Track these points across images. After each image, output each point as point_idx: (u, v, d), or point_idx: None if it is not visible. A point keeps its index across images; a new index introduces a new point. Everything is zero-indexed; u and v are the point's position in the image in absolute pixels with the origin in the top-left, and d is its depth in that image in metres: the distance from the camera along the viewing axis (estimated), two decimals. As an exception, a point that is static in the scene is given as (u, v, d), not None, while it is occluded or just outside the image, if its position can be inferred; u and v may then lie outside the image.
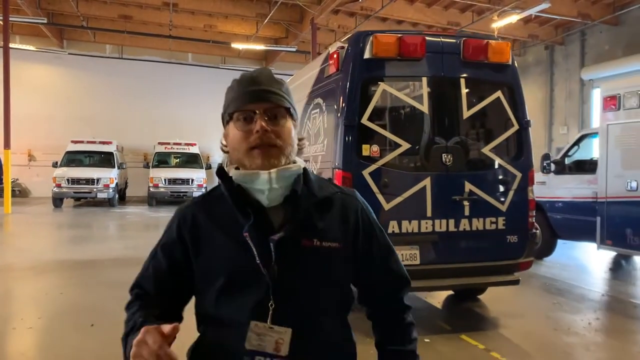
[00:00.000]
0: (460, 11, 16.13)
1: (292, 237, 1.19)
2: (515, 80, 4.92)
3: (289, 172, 1.22)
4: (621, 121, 6.62)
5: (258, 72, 1.26)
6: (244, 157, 1.20)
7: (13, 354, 4.19)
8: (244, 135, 1.19)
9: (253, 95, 1.20)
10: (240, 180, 1.22)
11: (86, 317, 5.01)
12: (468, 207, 4.62)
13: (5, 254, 8.85)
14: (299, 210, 1.21)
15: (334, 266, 1.24)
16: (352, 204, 1.31)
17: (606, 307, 5.71)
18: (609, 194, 6.75)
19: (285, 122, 1.22)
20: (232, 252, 1.20)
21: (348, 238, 1.27)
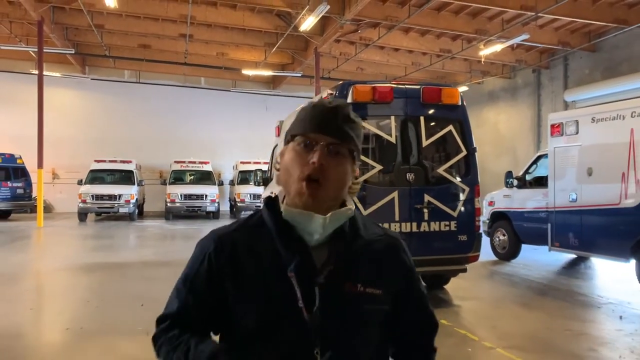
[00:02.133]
0: (452, 39, 17.82)
1: (336, 280, 1.15)
2: (464, 116, 6.55)
3: (343, 216, 1.19)
4: (563, 145, 8.21)
5: (337, 104, 1.22)
6: (292, 183, 1.17)
7: (90, 325, 5.78)
8: (300, 161, 1.16)
9: (322, 125, 1.17)
10: (290, 218, 1.17)
11: (135, 301, 6.61)
12: (427, 214, 6.21)
13: (52, 258, 10.52)
14: (344, 251, 1.18)
15: (374, 313, 1.20)
16: (396, 249, 1.29)
17: (541, 292, 7.22)
18: (556, 204, 8.31)
19: (343, 162, 1.18)
20: (272, 291, 1.13)
21: (390, 285, 1.23)
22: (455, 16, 15.72)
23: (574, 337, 5.17)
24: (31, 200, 19.39)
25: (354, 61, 20.13)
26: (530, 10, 13.91)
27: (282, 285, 1.12)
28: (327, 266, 1.15)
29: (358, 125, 1.23)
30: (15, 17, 17.20)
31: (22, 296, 7.29)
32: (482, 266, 9.21)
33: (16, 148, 19.73)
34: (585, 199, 7.79)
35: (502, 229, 9.75)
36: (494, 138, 21.55)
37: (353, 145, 1.20)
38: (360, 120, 1.24)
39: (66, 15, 17.47)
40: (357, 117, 1.23)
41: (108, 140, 22.46)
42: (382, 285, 1.21)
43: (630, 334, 5.28)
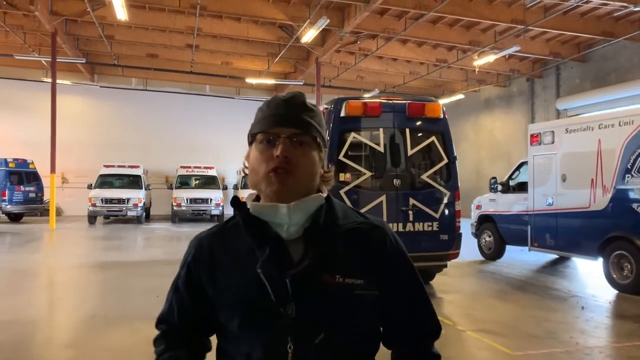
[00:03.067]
0: (447, 50, 18.65)
1: (312, 272, 1.12)
2: (446, 128, 7.35)
3: (309, 204, 1.17)
4: (541, 153, 9.01)
5: (290, 96, 1.21)
6: (261, 180, 1.17)
7: (113, 312, 6.58)
8: (264, 158, 1.16)
9: (280, 119, 1.16)
10: (257, 212, 1.17)
11: (150, 293, 7.40)
12: (412, 215, 7.01)
13: (68, 257, 11.36)
14: (320, 243, 1.15)
15: (357, 305, 1.15)
16: (380, 236, 1.22)
17: (518, 287, 8.00)
18: (535, 208, 9.10)
19: (309, 151, 1.17)
20: (247, 287, 1.14)
21: (374, 274, 1.17)
22: (450, 28, 16.54)
23: (537, 323, 5.95)
24: (42, 204, 20.30)
25: (354, 70, 20.97)
26: (520, 23, 14.72)
27: (256, 281, 1.12)
28: (304, 259, 1.13)
29: (317, 112, 1.22)
30: (30, 29, 18.09)
31: (47, 289, 8.13)
32: (469, 265, 10.02)
33: (27, 153, 20.65)
34: (560, 203, 8.57)
35: (488, 231, 10.53)
36: (490, 144, 22.36)
37: (315, 132, 1.18)
38: (317, 107, 1.24)
39: (78, 26, 18.40)
40: (314, 105, 1.23)
41: (115, 146, 23.33)
42: (363, 275, 1.16)
43: (586, 320, 6.06)
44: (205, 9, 15.34)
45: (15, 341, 5.26)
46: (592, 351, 4.97)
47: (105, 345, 5.14)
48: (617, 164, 7.53)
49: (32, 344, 5.35)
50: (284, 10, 15.63)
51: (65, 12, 16.49)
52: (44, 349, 5.20)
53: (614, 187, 7.59)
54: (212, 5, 15.32)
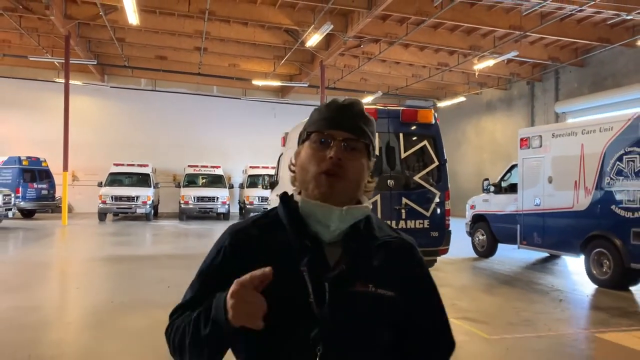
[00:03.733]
0: (449, 54, 19.22)
1: (347, 278, 1.14)
2: (437, 133, 7.94)
3: (360, 212, 1.20)
4: (530, 156, 9.58)
5: (350, 102, 1.25)
6: (310, 179, 1.18)
7: (129, 299, 7.22)
8: (316, 158, 1.18)
9: (337, 122, 1.20)
10: (307, 209, 1.18)
11: (161, 283, 8.04)
12: (405, 213, 7.60)
13: (83, 251, 12.03)
14: (357, 250, 1.18)
15: (386, 317, 1.18)
16: (412, 253, 1.27)
17: (504, 282, 8.57)
18: (524, 208, 9.67)
19: (360, 157, 1.20)
20: (284, 284, 1.12)
21: (404, 289, 1.21)
22: (451, 33, 17.11)
23: (516, 313, 6.53)
24: (54, 201, 21.03)
25: (358, 72, 21.56)
26: (518, 29, 15.27)
27: (294, 280, 1.12)
28: (340, 264, 1.15)
29: (372, 121, 1.26)
30: (44, 31, 18.82)
31: (66, 279, 8.80)
32: (463, 262, 10.61)
33: (39, 151, 21.37)
34: (546, 203, 9.15)
35: (482, 230, 11.11)
36: (491, 145, 22.88)
37: (368, 140, 1.22)
38: (372, 118, 1.27)
39: (90, 29, 19.09)
40: (369, 115, 1.26)
41: (124, 145, 24.03)
42: (395, 288, 1.19)
43: (562, 311, 6.65)
44: (214, 14, 15.97)
45: (42, 322, 5.91)
46: (562, 336, 5.56)
47: (123, 327, 5.77)
48: (598, 167, 8.10)
49: (57, 325, 6.00)
50: (289, 15, 16.24)
51: (78, 16, 17.18)
52: (68, 330, 5.85)
53: (595, 189, 8.16)
54: (220, 11, 15.95)
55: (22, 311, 6.29)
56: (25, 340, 5.19)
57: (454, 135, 25.34)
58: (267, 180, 11.25)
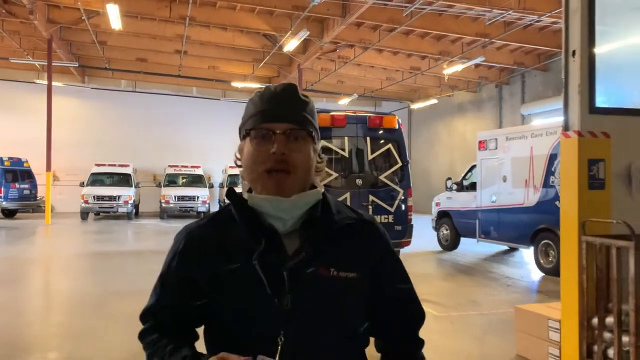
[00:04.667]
0: (421, 59, 20.24)
1: (308, 265, 1.14)
2: (401, 137, 8.89)
3: (309, 199, 1.19)
4: (487, 157, 10.61)
5: (282, 87, 1.21)
6: (257, 178, 1.17)
7: (124, 289, 8.00)
8: (259, 155, 1.16)
9: (274, 114, 1.17)
10: (256, 204, 1.18)
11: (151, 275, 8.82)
12: (371, 209, 8.52)
13: (70, 247, 12.71)
14: (316, 236, 1.17)
15: (350, 298, 1.19)
16: (372, 232, 1.28)
17: (462, 271, 9.57)
18: (482, 204, 10.70)
19: (305, 146, 1.18)
20: (241, 280, 1.14)
21: (366, 269, 1.22)
22: (422, 39, 18.14)
23: (466, 296, 7.51)
24: (36, 201, 21.51)
25: (335, 75, 22.48)
26: (484, 36, 16.35)
27: (251, 273, 1.12)
28: (300, 252, 1.15)
29: (310, 103, 1.22)
30: (25, 34, 19.31)
31: (61, 272, 9.52)
32: (428, 254, 11.60)
33: (20, 152, 21.80)
34: (501, 200, 10.18)
35: (446, 225, 12.13)
36: (462, 146, 24.02)
37: (310, 126, 1.19)
38: (309, 97, 1.24)
39: (72, 32, 19.65)
40: (306, 96, 1.23)
41: (105, 145, 24.55)
42: (356, 269, 1.19)
43: (507, 294, 7.65)
44: (194, 20, 16.72)
45: (45, 308, 6.69)
46: (501, 314, 6.53)
47: (121, 310, 6.57)
48: (545, 167, 9.15)
49: (62, 311, 6.78)
50: (267, 21, 17.07)
51: (61, 20, 17.75)
52: (73, 315, 6.63)
53: (542, 187, 9.20)
54: (200, 16, 16.70)
55: (23, 300, 7.04)
56: (25, 324, 5.97)
57: (427, 136, 26.50)
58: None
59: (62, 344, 5.28)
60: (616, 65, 4.66)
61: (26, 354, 4.94)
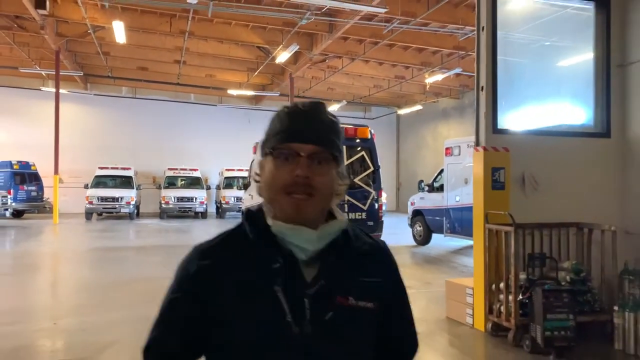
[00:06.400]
0: (405, 68, 21.82)
1: (327, 293, 1.13)
2: (373, 146, 10.45)
3: (336, 228, 1.19)
4: (452, 162, 12.17)
5: (310, 107, 1.19)
6: (276, 197, 1.15)
7: (134, 275, 9.51)
8: (281, 175, 1.14)
9: (301, 134, 1.15)
10: (281, 232, 1.15)
11: (157, 265, 10.36)
12: (347, 207, 10.07)
13: (81, 244, 14.23)
14: (336, 263, 1.16)
15: (367, 328, 1.19)
16: (386, 260, 1.29)
17: (429, 262, 11.10)
18: (448, 204, 12.26)
19: (329, 170, 1.16)
20: (259, 307, 1.11)
21: (381, 299, 1.21)
22: (404, 51, 19.71)
23: (422, 279, 9.05)
24: (42, 202, 23.00)
25: (325, 83, 24.04)
26: (461, 49, 17.93)
27: (270, 300, 1.10)
28: (319, 279, 1.13)
29: (336, 124, 1.21)
30: (34, 46, 20.82)
31: (77, 263, 11.03)
32: (403, 248, 13.15)
33: (27, 155, 23.28)
34: (463, 200, 11.73)
35: (419, 222, 13.69)
36: (446, 150, 25.62)
37: (336, 150, 1.18)
38: (336, 118, 1.22)
39: (77, 44, 21.15)
40: (333, 116, 1.21)
41: (107, 149, 26.02)
42: (374, 299, 1.19)
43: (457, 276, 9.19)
44: (193, 34, 18.24)
45: (81, 284, 8.20)
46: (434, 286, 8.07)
47: (135, 289, 8.09)
48: (498, 171, 10.70)
49: (86, 290, 8.31)
50: (261, 35, 18.61)
51: (68, 33, 19.25)
52: (96, 292, 8.14)
53: (496, 188, 10.75)
54: (198, 31, 18.23)
55: (54, 283, 8.57)
56: (54, 306, 7.49)
57: (414, 140, 28.10)
58: (241, 182, 13.59)
59: (91, 311, 6.80)
60: (515, 97, 6.24)
61: (68, 317, 6.46)
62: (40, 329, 6.02)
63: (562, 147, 6.20)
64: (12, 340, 5.44)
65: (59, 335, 5.71)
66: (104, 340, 5.38)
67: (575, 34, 6.84)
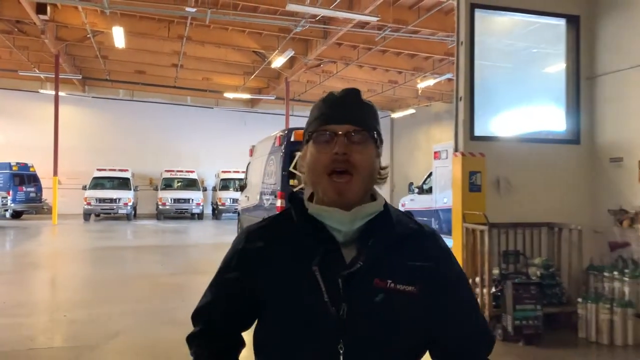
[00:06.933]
0: (398, 73, 22.40)
1: (364, 275, 1.15)
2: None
3: (369, 210, 1.20)
4: (440, 165, 12.72)
5: (345, 92, 1.25)
6: (318, 181, 1.20)
7: (137, 272, 10.00)
8: (322, 156, 1.18)
9: (336, 116, 1.20)
10: (315, 214, 1.20)
11: (156, 263, 10.87)
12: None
13: (84, 243, 14.71)
14: (374, 247, 1.18)
15: (407, 313, 1.17)
16: (433, 245, 1.27)
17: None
18: (437, 205, 12.81)
19: (366, 148, 1.20)
20: (299, 286, 1.16)
21: (426, 283, 1.19)
22: (397, 57, 20.29)
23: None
24: (41, 203, 23.42)
25: (320, 87, 24.57)
26: (451, 55, 18.46)
27: (309, 280, 1.14)
28: (357, 261, 1.16)
29: (372, 107, 1.26)
30: (34, 49, 21.27)
31: (79, 261, 11.52)
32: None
33: (25, 157, 23.69)
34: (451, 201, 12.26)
35: (410, 223, 14.23)
36: (439, 153, 26.22)
37: (372, 127, 1.21)
38: (372, 103, 1.28)
39: (76, 48, 21.63)
40: (369, 100, 1.26)
41: (104, 151, 26.45)
42: (416, 284, 1.18)
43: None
44: (190, 39, 18.74)
45: (85, 281, 8.70)
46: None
47: (137, 286, 8.58)
48: (483, 174, 11.25)
49: (89, 286, 8.80)
50: (257, 40, 19.14)
51: (68, 38, 19.73)
52: (99, 287, 8.63)
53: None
54: (196, 36, 18.74)
55: (54, 282, 9.05)
56: (62, 301, 7.99)
57: (407, 142, 28.67)
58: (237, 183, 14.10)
59: (98, 305, 7.29)
60: (491, 106, 6.79)
61: (76, 309, 6.96)
62: (52, 319, 6.52)
63: (535, 152, 6.74)
64: (29, 330, 5.94)
65: (71, 325, 6.20)
66: (112, 329, 5.88)
67: (549, 47, 7.40)
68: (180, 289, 7.98)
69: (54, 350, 5.37)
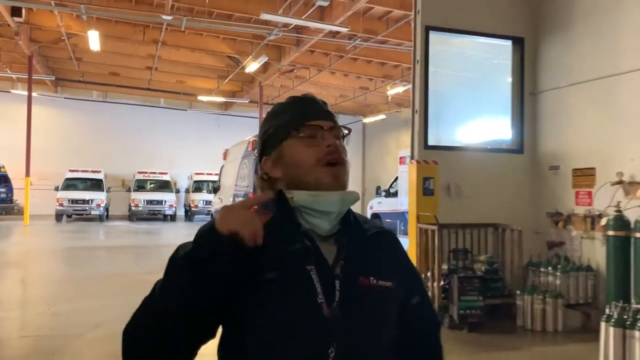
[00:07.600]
0: (369, 80, 23.20)
1: (350, 274, 1.16)
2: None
3: (353, 197, 1.22)
4: (405, 170, 13.50)
5: (309, 96, 1.30)
6: (309, 172, 1.18)
7: (118, 270, 10.46)
8: (311, 150, 1.19)
9: (319, 113, 1.24)
10: (305, 201, 1.16)
11: (132, 262, 11.35)
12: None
13: (59, 243, 15.04)
14: (353, 244, 1.19)
15: (389, 307, 1.21)
16: (395, 241, 1.34)
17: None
18: (403, 208, 13.56)
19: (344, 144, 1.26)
20: (289, 286, 1.11)
21: (398, 277, 1.24)
22: (368, 64, 21.09)
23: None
24: (12, 204, 23.47)
25: (293, 91, 25.18)
26: (419, 64, 19.36)
27: (300, 280, 1.11)
28: (338, 260, 1.16)
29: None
30: (6, 50, 21.39)
31: (54, 260, 11.93)
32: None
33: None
34: (415, 204, 13.06)
35: (377, 225, 14.99)
36: (408, 157, 27.10)
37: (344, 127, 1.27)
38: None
39: (50, 49, 21.82)
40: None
41: (76, 152, 26.54)
42: (392, 279, 1.22)
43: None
44: (165, 43, 19.19)
45: (63, 278, 9.15)
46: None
47: (114, 282, 9.08)
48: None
49: (70, 284, 9.27)
50: (231, 45, 19.70)
51: (42, 39, 19.95)
52: (78, 284, 9.11)
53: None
54: (170, 40, 19.18)
55: (33, 279, 9.48)
56: (43, 296, 8.46)
57: (378, 148, 29.54)
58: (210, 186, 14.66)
59: (78, 299, 7.79)
60: (444, 118, 7.55)
61: (58, 303, 7.46)
62: (36, 312, 7.00)
63: (483, 160, 7.52)
64: (16, 322, 6.44)
65: (55, 317, 6.70)
66: (95, 320, 6.41)
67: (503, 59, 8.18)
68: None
69: (43, 338, 5.88)
